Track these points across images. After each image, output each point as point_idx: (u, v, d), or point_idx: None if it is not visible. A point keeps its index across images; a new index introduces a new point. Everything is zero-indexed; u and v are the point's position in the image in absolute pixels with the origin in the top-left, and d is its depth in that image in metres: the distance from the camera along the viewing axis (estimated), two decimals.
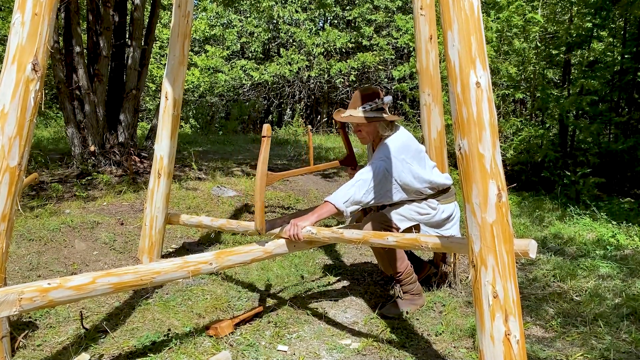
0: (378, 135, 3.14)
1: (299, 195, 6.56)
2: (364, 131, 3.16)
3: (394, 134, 3.12)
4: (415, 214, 3.14)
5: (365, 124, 3.10)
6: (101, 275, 2.24)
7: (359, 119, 3.09)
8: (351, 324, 3.08)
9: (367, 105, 3.10)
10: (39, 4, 2.07)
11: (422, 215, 3.15)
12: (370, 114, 3.09)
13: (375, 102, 3.10)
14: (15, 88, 2.06)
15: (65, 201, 5.28)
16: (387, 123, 3.10)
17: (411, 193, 3.08)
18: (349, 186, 2.93)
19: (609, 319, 3.05)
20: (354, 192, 2.91)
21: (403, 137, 3.11)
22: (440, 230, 3.21)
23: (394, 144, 3.05)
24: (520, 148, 7.19)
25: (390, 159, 3.00)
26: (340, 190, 2.95)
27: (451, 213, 3.23)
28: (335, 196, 2.92)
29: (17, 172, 2.09)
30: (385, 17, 15.25)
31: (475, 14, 1.99)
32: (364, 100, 3.11)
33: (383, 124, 3.10)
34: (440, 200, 3.19)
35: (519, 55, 7.51)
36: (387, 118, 3.09)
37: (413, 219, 3.14)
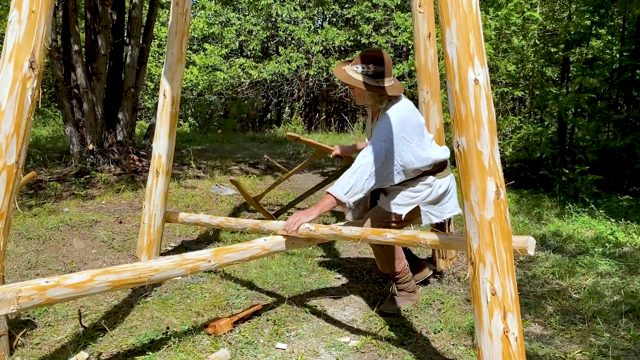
0: (366, 103, 3.03)
1: (297, 193, 6.55)
2: (354, 91, 3.03)
3: (394, 106, 2.98)
4: (411, 198, 3.06)
5: (351, 85, 2.97)
6: (99, 273, 2.23)
7: (345, 77, 2.96)
8: (350, 322, 3.08)
9: (359, 67, 2.95)
10: (36, 2, 2.06)
11: (418, 195, 3.06)
12: (357, 76, 2.94)
13: (368, 67, 2.93)
14: (12, 86, 2.06)
15: (63, 200, 5.28)
16: (371, 93, 2.95)
17: (410, 173, 2.99)
18: (350, 174, 2.83)
19: (607, 316, 3.05)
20: (355, 181, 2.82)
21: (402, 111, 2.96)
22: (439, 206, 3.13)
23: (394, 118, 2.92)
24: (519, 146, 7.19)
25: (391, 139, 2.88)
26: (341, 180, 2.85)
27: (447, 187, 3.14)
28: (336, 187, 2.84)
29: (14, 170, 2.09)
30: (384, 15, 15.24)
31: (473, 10, 1.99)
32: (359, 60, 2.97)
33: (368, 93, 2.96)
34: (436, 175, 3.10)
35: (517, 53, 7.50)
36: (371, 88, 2.92)
37: (410, 203, 3.06)
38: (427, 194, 3.08)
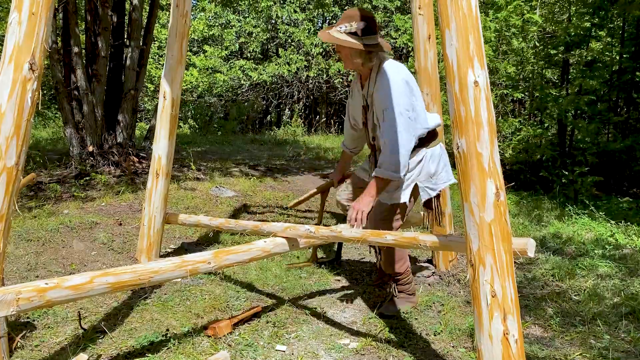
0: (357, 65, 2.95)
1: (297, 194, 6.55)
2: (342, 53, 2.96)
3: (388, 66, 2.92)
4: (408, 179, 3.02)
5: (338, 47, 2.92)
6: (99, 274, 2.23)
7: (329, 37, 2.89)
8: (350, 324, 3.08)
9: (342, 27, 2.88)
10: (36, 4, 2.06)
11: (413, 173, 3.02)
12: (342, 36, 2.87)
13: (350, 25, 2.87)
14: (12, 87, 2.06)
15: (63, 201, 5.28)
16: (358, 51, 2.89)
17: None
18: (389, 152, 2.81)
19: (607, 318, 3.05)
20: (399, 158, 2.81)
21: (402, 71, 2.92)
22: (435, 179, 3.08)
23: (397, 79, 2.87)
24: (519, 148, 7.20)
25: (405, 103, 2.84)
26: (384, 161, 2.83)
27: (438, 156, 3.10)
28: (384, 169, 2.83)
29: (14, 172, 2.09)
30: (384, 17, 15.26)
31: (473, 12, 1.99)
32: (342, 20, 2.91)
33: (356, 52, 2.89)
34: (427, 146, 3.05)
35: (517, 54, 7.51)
36: (357, 45, 2.85)
37: (409, 185, 3.02)
38: (420, 169, 3.04)
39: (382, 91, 2.88)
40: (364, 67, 2.96)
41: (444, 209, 3.79)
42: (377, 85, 2.91)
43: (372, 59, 2.93)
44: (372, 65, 2.94)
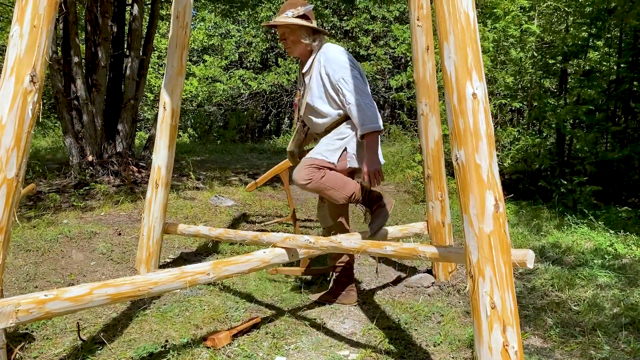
0: (304, 48, 3.21)
1: (297, 204, 6.55)
2: (289, 40, 3.21)
3: (326, 45, 3.24)
4: (340, 141, 3.22)
5: (289, 32, 3.18)
6: (98, 286, 2.23)
7: (281, 21, 3.16)
8: (349, 335, 3.07)
9: (288, 13, 3.16)
10: (38, 16, 2.08)
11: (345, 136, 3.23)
12: (292, 20, 3.15)
13: (298, 10, 3.16)
14: (13, 99, 2.07)
15: (62, 211, 5.27)
16: (309, 31, 3.18)
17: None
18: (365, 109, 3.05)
19: (607, 328, 3.04)
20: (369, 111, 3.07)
21: (339, 48, 3.22)
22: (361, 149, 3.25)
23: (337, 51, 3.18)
24: (518, 157, 7.21)
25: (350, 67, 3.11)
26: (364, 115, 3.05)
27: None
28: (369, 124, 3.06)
29: (14, 184, 2.09)
30: (383, 27, 15.33)
31: (471, 25, 2.01)
32: (286, 8, 3.18)
33: (305, 32, 3.17)
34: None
35: (515, 64, 7.54)
36: (309, 24, 3.16)
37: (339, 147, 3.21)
38: (352, 136, 3.23)
39: (333, 63, 3.13)
40: (308, 48, 3.22)
41: (443, 219, 3.80)
42: (321, 61, 3.17)
43: (316, 40, 3.22)
44: (316, 45, 3.21)
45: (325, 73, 3.14)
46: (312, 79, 3.21)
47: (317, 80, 3.19)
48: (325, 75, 3.14)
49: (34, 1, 2.08)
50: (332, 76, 3.11)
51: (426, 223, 3.88)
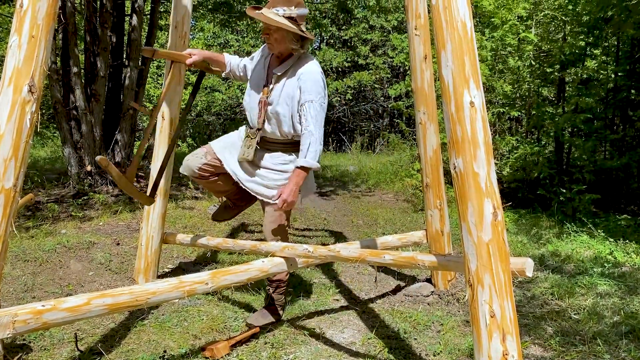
0: (287, 48, 2.96)
1: (295, 213, 6.55)
2: (272, 37, 2.93)
3: (311, 58, 3.03)
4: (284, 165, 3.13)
5: (275, 29, 2.89)
6: (96, 296, 2.22)
7: (269, 19, 2.87)
8: (349, 345, 3.05)
9: (280, 9, 2.89)
10: (36, 27, 2.09)
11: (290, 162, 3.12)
12: (281, 19, 2.87)
13: (291, 9, 2.90)
14: (11, 110, 2.07)
15: (61, 221, 5.26)
16: (297, 37, 2.93)
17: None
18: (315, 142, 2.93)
19: (607, 337, 3.03)
20: (318, 147, 2.95)
21: (320, 68, 3.03)
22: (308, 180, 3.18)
23: (318, 72, 3.00)
24: (517, 165, 7.21)
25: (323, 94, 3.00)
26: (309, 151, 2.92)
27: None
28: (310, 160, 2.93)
29: (12, 194, 2.09)
30: (381, 37, 15.40)
31: (468, 34, 2.02)
32: (278, 3, 2.91)
33: (292, 36, 2.91)
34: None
35: (513, 73, 7.57)
36: (299, 31, 2.91)
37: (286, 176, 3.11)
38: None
39: (308, 82, 2.95)
40: (290, 51, 2.99)
41: (442, 228, 3.79)
42: (301, 75, 2.97)
43: (304, 46, 3.01)
44: (301, 51, 3.00)
45: (299, 87, 2.96)
46: (284, 86, 3.00)
47: (290, 90, 2.99)
48: (298, 90, 2.96)
49: (33, 12, 2.09)
50: (304, 95, 2.94)
51: (425, 231, 3.87)
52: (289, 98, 2.98)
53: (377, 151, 13.85)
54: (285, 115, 3.00)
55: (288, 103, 2.98)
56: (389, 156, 11.35)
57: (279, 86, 3.01)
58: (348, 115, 17.08)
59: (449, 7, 2.03)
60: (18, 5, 2.10)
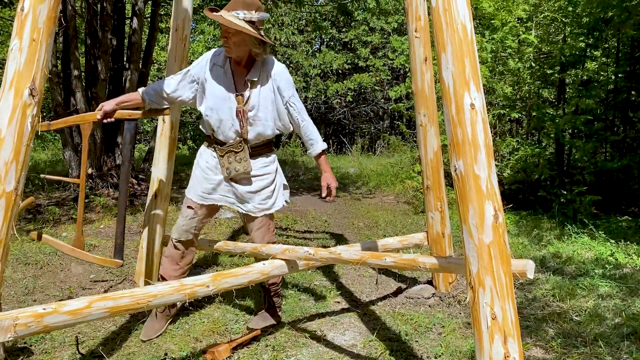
0: (246, 52, 2.86)
1: (296, 215, 6.55)
2: (231, 40, 2.81)
3: (273, 59, 2.99)
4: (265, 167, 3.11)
5: (234, 32, 2.78)
6: (97, 299, 2.22)
7: (230, 23, 2.75)
8: (350, 347, 3.05)
9: (240, 13, 2.78)
10: (37, 30, 2.09)
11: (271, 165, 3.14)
12: (241, 23, 2.76)
13: (251, 13, 2.80)
14: (12, 113, 2.07)
15: (62, 224, 5.26)
16: (258, 41, 2.83)
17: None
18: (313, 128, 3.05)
19: (609, 339, 3.03)
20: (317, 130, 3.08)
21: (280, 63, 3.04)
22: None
23: (287, 71, 3.03)
24: (517, 167, 7.21)
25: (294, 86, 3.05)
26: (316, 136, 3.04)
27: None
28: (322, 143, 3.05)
29: (13, 197, 2.09)
30: (381, 39, 15.42)
31: (468, 36, 2.02)
32: (239, 5, 2.80)
33: (252, 40, 2.81)
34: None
35: (514, 75, 7.57)
36: (259, 36, 2.81)
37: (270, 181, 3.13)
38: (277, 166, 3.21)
39: (283, 81, 2.96)
40: (252, 54, 2.89)
41: (443, 230, 3.79)
42: (274, 76, 2.95)
43: (266, 51, 2.93)
44: (264, 56, 2.94)
45: (276, 87, 2.95)
46: (260, 90, 2.94)
47: (267, 93, 2.95)
48: (276, 90, 2.95)
49: (34, 15, 2.09)
50: (284, 92, 2.96)
51: (426, 234, 3.87)
52: (268, 101, 2.95)
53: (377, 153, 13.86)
54: (268, 119, 2.97)
55: (268, 106, 2.96)
56: (389, 158, 11.36)
57: (255, 91, 2.94)
58: (348, 117, 17.09)
59: (449, 9, 2.03)
60: (19, 9, 2.10)
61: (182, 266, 3.17)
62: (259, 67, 2.94)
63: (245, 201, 3.07)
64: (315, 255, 2.85)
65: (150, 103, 3.06)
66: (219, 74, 2.97)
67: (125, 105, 3.05)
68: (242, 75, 2.95)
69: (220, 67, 2.97)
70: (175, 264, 3.15)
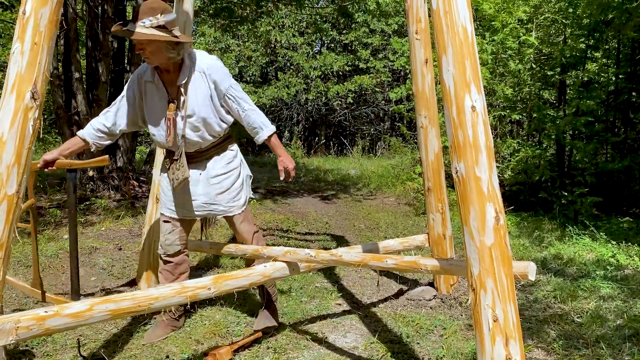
0: (165, 58, 2.76)
1: (297, 217, 6.55)
2: (146, 50, 2.73)
3: (198, 54, 2.91)
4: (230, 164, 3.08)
5: (147, 42, 2.69)
6: (98, 302, 2.22)
7: (137, 34, 2.66)
8: (351, 349, 3.05)
9: (147, 20, 2.68)
10: (39, 34, 2.10)
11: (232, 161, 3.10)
12: (149, 31, 2.68)
13: (157, 18, 2.69)
14: (14, 116, 2.08)
15: (63, 226, 5.26)
16: (172, 44, 2.73)
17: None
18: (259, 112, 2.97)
19: (611, 340, 3.02)
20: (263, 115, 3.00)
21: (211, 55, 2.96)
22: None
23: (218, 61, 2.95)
24: (518, 168, 7.22)
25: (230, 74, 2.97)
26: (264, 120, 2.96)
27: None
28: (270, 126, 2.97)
29: (14, 200, 2.10)
30: (382, 41, 15.43)
31: (469, 38, 2.02)
32: (144, 14, 2.70)
33: (167, 45, 2.72)
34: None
35: (514, 76, 7.58)
36: (173, 38, 2.72)
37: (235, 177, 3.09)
38: (240, 157, 3.17)
39: (216, 73, 2.89)
40: (172, 60, 2.79)
41: (444, 231, 3.79)
42: (204, 70, 2.88)
43: (180, 52, 2.81)
44: (185, 56, 2.84)
45: (212, 82, 2.88)
46: (195, 91, 2.88)
47: (203, 91, 2.88)
48: (212, 85, 2.89)
49: (35, 19, 2.09)
50: (221, 85, 2.89)
51: (427, 235, 3.87)
52: (207, 98, 2.90)
53: (378, 155, 13.86)
54: (211, 117, 2.92)
55: (207, 104, 2.90)
56: (390, 159, 11.36)
57: (191, 93, 2.87)
58: (349, 119, 17.09)
59: (449, 11, 2.04)
60: (21, 13, 2.11)
61: (177, 275, 3.15)
62: (188, 68, 2.85)
63: (218, 203, 3.06)
64: (317, 257, 2.85)
65: (94, 143, 2.94)
66: (151, 89, 2.92)
67: (69, 152, 2.94)
68: (173, 82, 2.87)
69: (151, 82, 2.91)
70: (170, 276, 3.13)
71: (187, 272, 3.21)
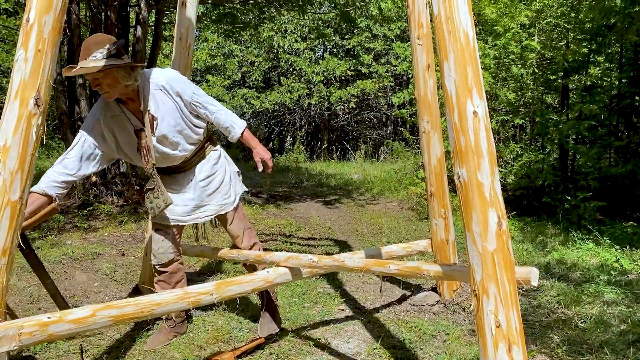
0: (123, 88, 2.71)
1: (300, 222, 6.55)
2: (104, 84, 2.66)
3: (154, 71, 2.86)
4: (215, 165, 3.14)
5: (103, 75, 2.63)
6: (101, 307, 2.22)
7: (91, 69, 2.60)
8: (354, 355, 3.04)
9: (97, 54, 2.62)
10: (42, 41, 2.10)
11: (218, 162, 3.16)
12: (104, 62, 2.62)
13: (107, 48, 2.64)
14: (17, 123, 2.08)
15: (66, 232, 5.28)
16: (127, 71, 2.69)
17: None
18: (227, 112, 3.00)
19: (615, 346, 3.01)
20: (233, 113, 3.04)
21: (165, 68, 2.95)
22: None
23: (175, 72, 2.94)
24: (521, 173, 7.20)
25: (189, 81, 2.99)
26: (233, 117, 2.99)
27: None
28: (241, 122, 3.00)
29: (18, 206, 2.10)
30: (384, 45, 15.46)
31: (470, 44, 2.02)
32: (92, 49, 2.63)
33: (123, 72, 2.67)
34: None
35: (517, 81, 7.57)
36: (128, 63, 2.69)
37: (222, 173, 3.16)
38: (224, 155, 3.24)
39: (177, 84, 2.86)
40: (130, 88, 2.74)
41: (447, 236, 3.79)
42: (164, 87, 2.83)
43: (137, 77, 2.76)
44: (140, 81, 2.79)
45: (175, 95, 2.85)
46: (162, 110, 2.83)
47: (170, 107, 2.84)
48: (177, 98, 2.85)
49: (39, 26, 2.10)
50: (185, 94, 2.86)
51: (430, 240, 3.87)
52: (175, 112, 2.87)
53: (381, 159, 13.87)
54: (185, 129, 2.91)
55: (177, 116, 2.88)
56: (393, 164, 11.36)
57: (159, 113, 2.83)
58: (352, 124, 17.11)
59: (451, 17, 2.04)
60: (24, 20, 2.12)
61: (174, 285, 3.13)
62: (147, 89, 2.81)
63: (208, 204, 3.09)
64: (319, 263, 2.85)
65: (58, 195, 2.74)
66: (120, 122, 2.86)
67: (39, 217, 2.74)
68: (138, 109, 2.83)
69: (117, 115, 2.85)
70: (167, 286, 3.12)
71: (183, 279, 3.19)
